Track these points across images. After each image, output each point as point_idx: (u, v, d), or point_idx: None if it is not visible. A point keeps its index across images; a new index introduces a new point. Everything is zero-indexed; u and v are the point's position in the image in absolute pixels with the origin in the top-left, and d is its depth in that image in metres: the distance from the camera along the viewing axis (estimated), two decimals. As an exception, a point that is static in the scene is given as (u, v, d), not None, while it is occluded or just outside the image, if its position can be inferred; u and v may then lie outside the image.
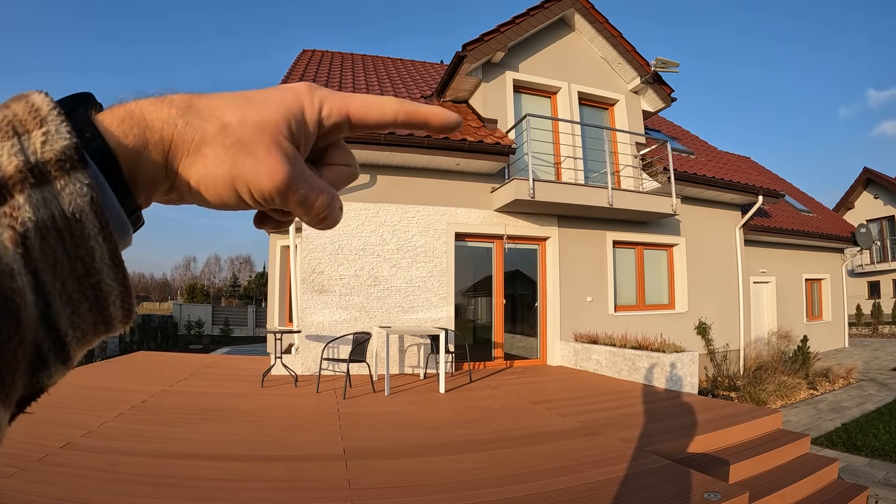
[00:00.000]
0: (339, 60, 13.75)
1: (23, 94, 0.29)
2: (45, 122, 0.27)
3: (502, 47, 9.94)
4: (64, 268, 0.27)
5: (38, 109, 0.28)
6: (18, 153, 0.26)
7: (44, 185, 0.26)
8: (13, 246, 0.25)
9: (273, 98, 0.37)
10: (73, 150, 0.28)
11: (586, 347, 9.06)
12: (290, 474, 3.73)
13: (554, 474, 3.76)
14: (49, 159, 0.27)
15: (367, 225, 8.89)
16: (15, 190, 0.26)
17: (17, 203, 0.26)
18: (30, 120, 0.27)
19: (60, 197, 0.27)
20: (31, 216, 0.26)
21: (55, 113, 0.28)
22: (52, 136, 0.27)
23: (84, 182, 0.28)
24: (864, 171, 30.71)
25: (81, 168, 0.28)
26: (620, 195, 9.69)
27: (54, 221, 0.26)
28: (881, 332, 23.44)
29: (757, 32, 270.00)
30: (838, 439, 7.34)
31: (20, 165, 0.26)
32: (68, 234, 0.27)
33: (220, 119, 0.35)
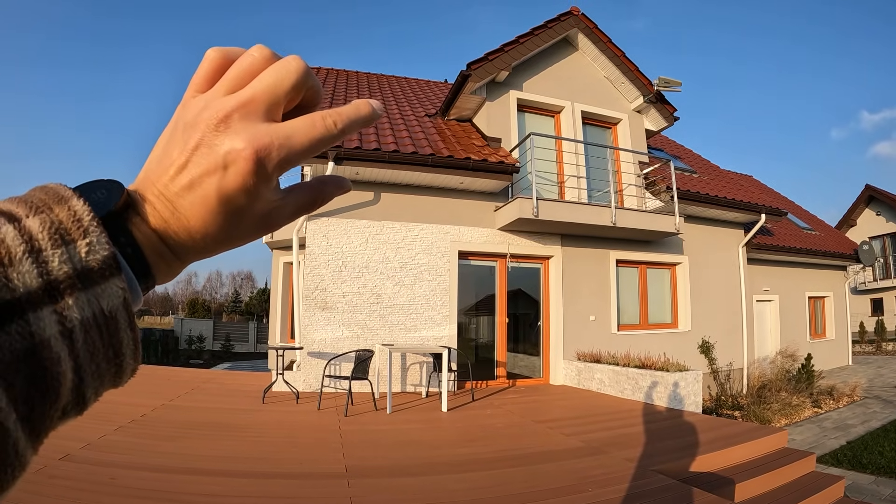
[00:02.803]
0: (343, 78, 13.86)
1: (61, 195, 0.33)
2: (88, 233, 0.32)
3: (506, 66, 10.00)
4: (100, 353, 0.32)
5: (80, 220, 0.32)
6: (67, 261, 0.30)
7: (88, 288, 0.31)
8: (62, 338, 0.29)
9: None
10: (112, 260, 0.32)
11: (589, 367, 9.03)
12: (292, 491, 3.72)
13: (558, 494, 3.74)
14: (92, 268, 0.31)
15: (371, 242, 8.90)
16: (65, 293, 0.30)
17: (67, 304, 0.30)
18: (74, 230, 0.31)
19: (101, 298, 0.31)
20: (78, 315, 0.30)
21: (95, 224, 0.32)
22: (94, 248, 0.31)
23: (120, 286, 0.32)
24: (865, 189, 30.72)
25: (118, 274, 0.32)
26: (623, 214, 9.70)
27: (95, 318, 0.31)
28: (885, 350, 23.34)
29: (751, 57, 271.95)
30: (843, 457, 7.30)
31: (69, 272, 0.30)
32: (105, 327, 0.32)
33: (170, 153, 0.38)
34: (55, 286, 0.29)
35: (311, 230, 8.68)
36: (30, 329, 0.28)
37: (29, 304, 0.28)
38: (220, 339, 32.25)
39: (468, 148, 9.33)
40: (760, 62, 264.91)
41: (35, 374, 0.28)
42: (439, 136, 9.78)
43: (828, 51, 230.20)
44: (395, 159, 8.41)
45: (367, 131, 9.15)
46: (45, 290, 0.29)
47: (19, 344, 0.27)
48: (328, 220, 8.77)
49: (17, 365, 0.27)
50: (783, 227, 16.40)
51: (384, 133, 9.28)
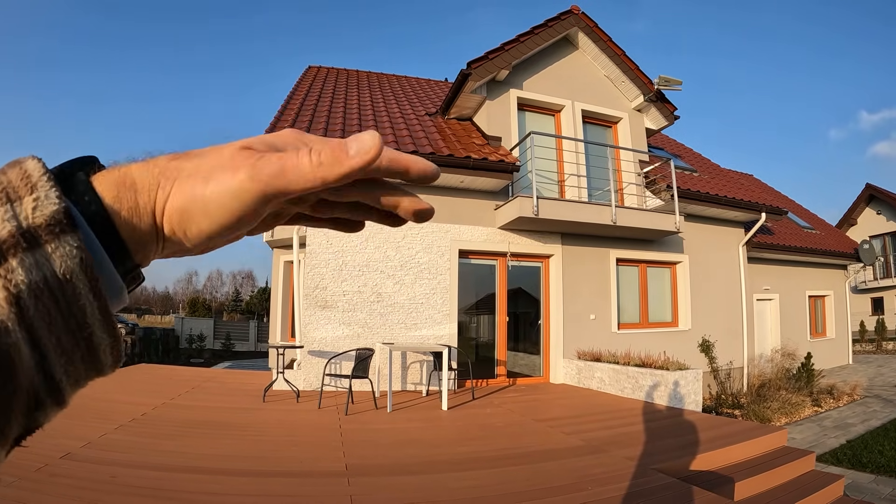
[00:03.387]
0: (344, 77, 13.87)
1: (18, 160, 0.31)
2: (36, 188, 0.29)
3: (507, 65, 10.00)
4: (58, 324, 0.29)
5: (29, 176, 0.30)
6: (11, 219, 0.28)
7: (35, 248, 0.28)
8: (8, 305, 0.27)
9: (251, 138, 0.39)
10: (63, 215, 0.29)
11: (589, 365, 9.03)
12: (291, 490, 3.72)
13: (558, 492, 3.74)
14: (39, 224, 0.29)
15: (371, 241, 8.90)
16: (9, 254, 0.27)
17: (11, 266, 0.27)
18: (22, 186, 0.29)
19: (52, 259, 0.29)
20: (24, 278, 0.28)
21: (45, 179, 0.30)
22: (42, 202, 0.29)
23: (73, 245, 0.29)
24: (866, 188, 30.71)
25: (71, 231, 0.29)
26: (624, 213, 9.71)
27: (47, 282, 0.28)
28: (885, 349, 23.32)
29: (750, 59, 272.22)
30: (843, 456, 7.30)
31: (13, 231, 0.28)
32: (60, 293, 0.29)
33: (194, 161, 0.36)
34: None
35: (312, 229, 8.67)
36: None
37: None
38: (220, 337, 32.24)
39: (468, 147, 9.33)
40: (759, 63, 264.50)
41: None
42: (439, 134, 9.79)
43: (826, 51, 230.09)
44: (396, 158, 8.39)
45: (367, 128, 9.04)
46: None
47: None
48: (328, 218, 8.75)
49: None
50: (783, 226, 16.39)
51: (384, 132, 9.28)
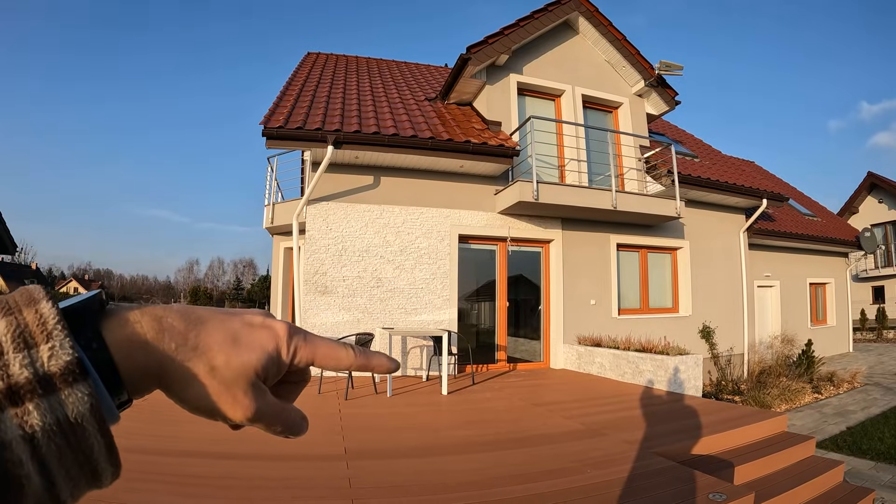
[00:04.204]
0: (343, 63, 13.77)
1: (31, 296, 0.34)
2: (51, 336, 0.32)
3: (506, 50, 9.93)
4: (67, 458, 0.31)
5: (45, 322, 0.32)
6: (28, 365, 0.30)
7: (50, 394, 0.31)
8: (23, 443, 0.29)
9: (256, 341, 0.43)
10: (76, 365, 0.32)
11: (590, 350, 9.03)
12: (290, 473, 3.70)
13: (557, 475, 3.72)
14: (54, 372, 0.31)
15: (371, 226, 8.88)
16: (25, 398, 0.30)
17: (28, 409, 0.30)
18: (38, 333, 0.32)
19: (65, 405, 0.31)
20: (39, 421, 0.30)
21: (59, 328, 0.32)
22: (57, 352, 0.31)
23: (85, 392, 0.32)
24: (868, 176, 30.62)
25: (83, 380, 0.32)
26: (624, 198, 9.66)
27: (59, 424, 0.31)
28: (886, 337, 23.37)
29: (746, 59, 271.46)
30: (843, 443, 7.29)
31: (30, 377, 0.30)
32: (71, 434, 0.31)
33: (210, 360, 0.40)
34: (15, 391, 0.30)
35: (311, 214, 8.66)
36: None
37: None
38: (221, 325, 32.31)
39: (468, 131, 9.28)
40: (758, 58, 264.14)
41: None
42: (439, 119, 9.73)
43: (826, 45, 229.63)
44: (395, 143, 8.37)
45: (367, 115, 9.11)
46: (5, 394, 0.29)
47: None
48: (328, 204, 8.74)
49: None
50: (785, 213, 16.36)
51: (383, 117, 9.22)
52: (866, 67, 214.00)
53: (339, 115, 8.81)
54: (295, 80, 11.23)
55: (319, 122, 8.32)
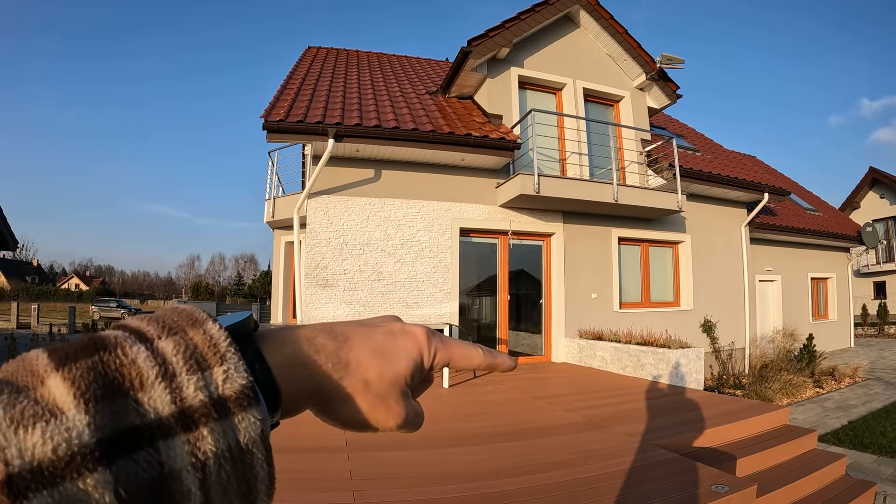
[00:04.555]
0: (343, 57, 13.73)
1: (196, 318, 0.33)
2: (225, 359, 0.31)
3: (507, 43, 9.90)
4: (232, 489, 0.30)
5: (216, 344, 0.31)
6: (203, 388, 0.29)
7: (224, 418, 0.30)
8: (194, 471, 0.28)
9: (401, 349, 0.44)
10: (250, 390, 0.31)
11: (591, 344, 9.02)
12: (291, 465, 3.70)
13: (558, 467, 3.72)
14: (229, 396, 0.30)
15: (372, 220, 8.86)
16: (200, 422, 0.29)
17: (201, 434, 0.28)
18: (210, 355, 0.31)
19: (237, 430, 0.30)
20: (212, 447, 0.29)
21: (232, 350, 0.32)
22: (232, 375, 0.31)
23: (258, 417, 0.31)
24: (869, 171, 30.51)
25: (256, 404, 0.31)
26: (626, 191, 9.64)
27: (230, 450, 0.30)
28: (887, 333, 23.35)
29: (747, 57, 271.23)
30: (845, 437, 7.28)
31: (205, 401, 0.29)
32: (241, 461, 0.30)
33: (363, 375, 0.41)
34: (189, 415, 0.28)
35: (312, 208, 8.64)
36: (159, 459, 0.26)
37: (160, 432, 0.27)
38: (223, 321, 32.38)
39: (469, 124, 9.26)
40: (758, 56, 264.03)
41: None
42: (440, 112, 9.70)
43: (827, 40, 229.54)
44: (396, 136, 8.35)
45: (368, 108, 9.09)
46: (177, 418, 0.28)
47: (147, 474, 0.26)
48: (329, 197, 8.73)
49: (142, 496, 0.25)
50: (786, 208, 16.33)
51: (384, 110, 9.20)
52: (867, 63, 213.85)
53: (340, 109, 8.78)
54: (295, 74, 11.20)
55: (320, 116, 8.29)
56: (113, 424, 0.26)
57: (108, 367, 0.27)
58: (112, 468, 0.25)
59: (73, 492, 0.23)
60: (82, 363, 0.27)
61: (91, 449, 0.24)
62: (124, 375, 0.28)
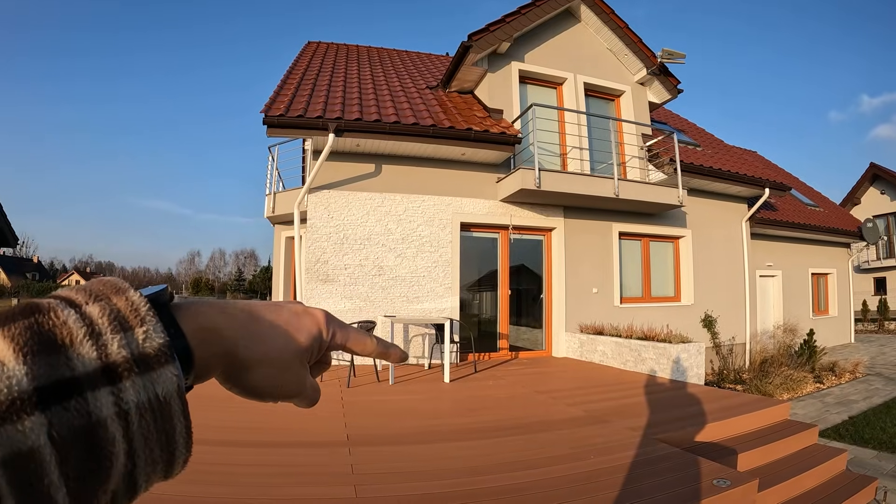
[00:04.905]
0: (343, 52, 13.70)
1: (119, 287, 0.37)
2: (145, 321, 0.35)
3: (508, 38, 9.87)
4: (153, 438, 0.33)
5: (137, 309, 0.35)
6: (125, 346, 0.33)
7: (144, 373, 0.33)
8: (118, 419, 0.31)
9: (303, 327, 0.48)
10: (167, 348, 0.35)
11: (592, 339, 9.01)
12: (293, 459, 3.70)
13: (559, 461, 3.72)
14: (149, 354, 0.34)
15: (373, 214, 8.85)
16: (123, 376, 0.32)
17: (124, 386, 0.32)
18: (132, 318, 0.34)
19: (156, 383, 0.34)
20: (134, 397, 0.32)
21: (151, 314, 0.35)
22: (151, 335, 0.34)
23: (174, 373, 0.35)
24: (870, 167, 30.48)
25: (172, 361, 0.35)
26: (626, 186, 9.62)
27: (150, 402, 0.33)
28: (888, 329, 23.35)
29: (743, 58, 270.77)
30: (846, 432, 7.27)
31: (127, 357, 0.32)
32: (159, 412, 0.34)
33: (269, 346, 0.45)
34: (113, 369, 0.32)
35: (313, 203, 8.63)
36: (87, 408, 0.30)
37: (88, 383, 0.30)
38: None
39: (470, 119, 9.24)
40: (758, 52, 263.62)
41: (89, 452, 0.29)
42: (440, 107, 9.68)
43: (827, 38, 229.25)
44: (396, 130, 8.32)
45: (368, 103, 9.07)
46: (103, 371, 0.31)
47: (77, 421, 0.29)
48: (329, 192, 8.71)
49: (72, 441, 0.29)
50: (787, 203, 16.30)
51: (385, 105, 9.17)
52: (867, 60, 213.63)
53: (340, 103, 8.76)
54: (295, 68, 11.17)
55: (320, 110, 8.27)
56: (47, 375, 0.29)
57: (43, 328, 0.30)
58: (46, 413, 0.28)
59: (12, 433, 0.26)
60: (20, 323, 0.30)
61: (29, 395, 0.27)
62: (56, 334, 0.30)
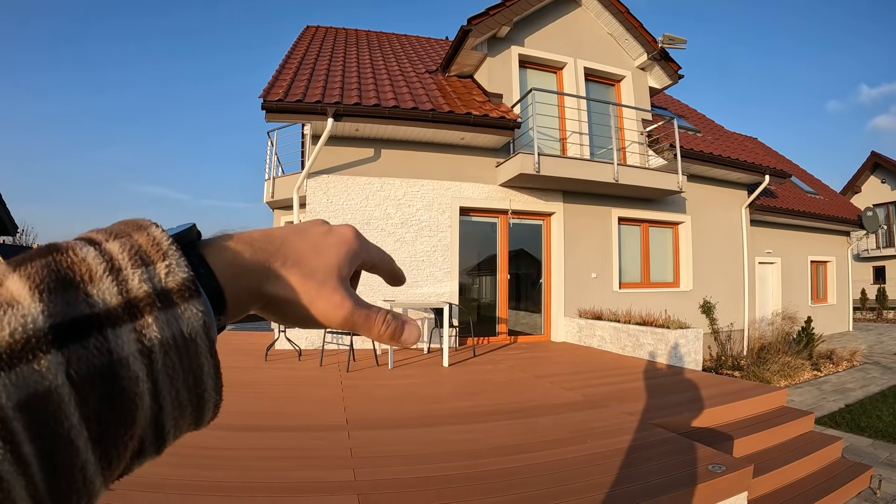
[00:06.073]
0: (342, 36, 13.61)
1: (141, 224, 0.34)
2: (167, 255, 0.32)
3: (508, 21, 9.80)
4: (179, 378, 0.31)
5: (159, 244, 0.33)
6: (147, 281, 0.31)
7: (168, 308, 0.31)
8: (141, 357, 0.29)
9: (332, 244, 0.45)
10: (191, 282, 0.33)
11: (590, 323, 9.03)
12: (292, 443, 3.71)
13: (557, 445, 3.73)
14: (172, 288, 0.31)
15: (372, 199, 8.82)
16: (145, 311, 0.30)
17: (146, 322, 0.30)
18: (154, 252, 0.32)
19: (181, 320, 0.31)
20: (158, 334, 0.30)
21: (174, 248, 0.33)
22: (174, 269, 0.32)
23: (199, 309, 0.32)
24: (871, 156, 30.37)
25: (197, 297, 0.32)
26: (626, 171, 9.59)
27: (175, 340, 0.31)
28: (886, 318, 23.39)
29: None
30: (842, 420, 7.31)
31: (149, 291, 0.30)
32: (185, 350, 0.31)
33: (302, 269, 0.42)
34: (135, 304, 0.30)
35: (312, 187, 8.60)
36: (108, 346, 0.28)
37: (108, 320, 0.29)
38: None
39: (469, 103, 9.19)
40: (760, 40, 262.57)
41: (111, 392, 0.28)
42: (440, 91, 9.63)
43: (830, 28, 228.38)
44: (395, 115, 8.28)
45: (367, 87, 9.02)
46: (124, 307, 0.29)
47: (97, 360, 0.27)
48: (328, 177, 8.68)
49: (93, 381, 0.27)
50: (787, 190, 16.28)
51: (384, 89, 9.12)
52: (867, 51, 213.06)
53: (339, 88, 8.71)
54: (294, 53, 11.10)
55: (319, 95, 8.22)
56: (65, 312, 0.27)
57: (61, 265, 0.29)
58: (64, 351, 0.26)
59: (28, 373, 0.25)
60: (37, 262, 0.28)
61: (45, 333, 0.26)
62: (75, 271, 0.29)
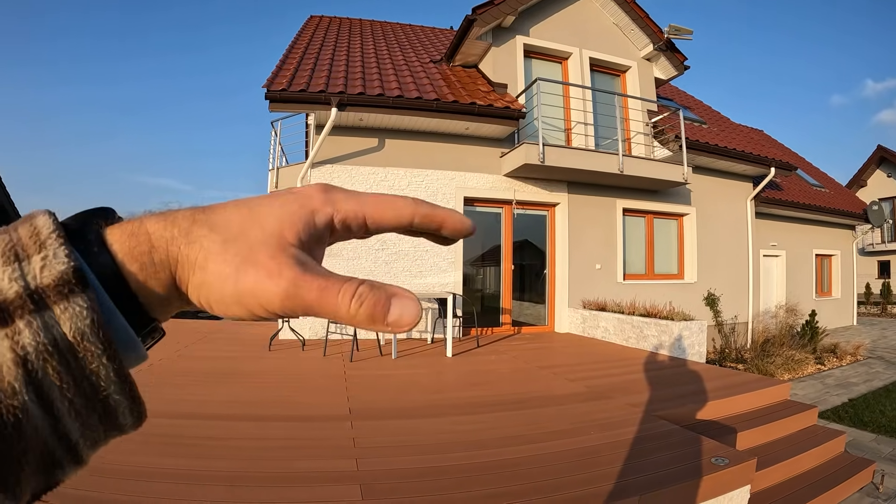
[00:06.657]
0: (346, 26, 13.54)
1: (30, 215, 0.30)
2: (44, 246, 0.28)
3: (513, 11, 9.75)
4: (70, 387, 0.27)
5: (38, 233, 0.28)
6: (18, 279, 0.27)
7: (43, 309, 0.27)
8: (15, 367, 0.25)
9: (276, 204, 0.36)
10: (72, 274, 0.28)
11: (594, 315, 9.02)
12: (296, 433, 3.72)
13: (561, 436, 3.73)
14: (48, 284, 0.27)
15: (376, 189, 8.77)
16: (16, 315, 0.26)
17: (18, 328, 0.26)
18: (30, 244, 0.28)
19: (61, 321, 0.27)
20: (31, 341, 0.26)
21: (54, 236, 0.28)
22: (50, 261, 0.27)
23: (83, 305, 0.27)
24: (877, 149, 30.17)
25: (81, 291, 0.27)
26: (631, 162, 9.55)
27: (56, 344, 0.26)
28: (890, 312, 23.30)
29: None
30: (845, 414, 7.29)
31: (19, 291, 0.26)
32: (72, 356, 0.27)
33: (224, 234, 0.33)
34: (4, 309, 0.26)
35: (316, 177, 8.58)
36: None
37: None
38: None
39: (473, 93, 9.16)
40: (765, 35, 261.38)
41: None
42: (444, 81, 9.59)
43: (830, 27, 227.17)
44: (400, 104, 8.25)
45: (371, 77, 8.99)
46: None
47: None
48: (332, 167, 8.66)
49: None
50: (792, 183, 16.20)
51: (388, 78, 9.09)
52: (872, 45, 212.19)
53: (343, 77, 8.68)
54: (298, 42, 11.05)
55: (323, 85, 8.19)
56: None
57: None
58: None
59: None
60: None
61: None
62: None
